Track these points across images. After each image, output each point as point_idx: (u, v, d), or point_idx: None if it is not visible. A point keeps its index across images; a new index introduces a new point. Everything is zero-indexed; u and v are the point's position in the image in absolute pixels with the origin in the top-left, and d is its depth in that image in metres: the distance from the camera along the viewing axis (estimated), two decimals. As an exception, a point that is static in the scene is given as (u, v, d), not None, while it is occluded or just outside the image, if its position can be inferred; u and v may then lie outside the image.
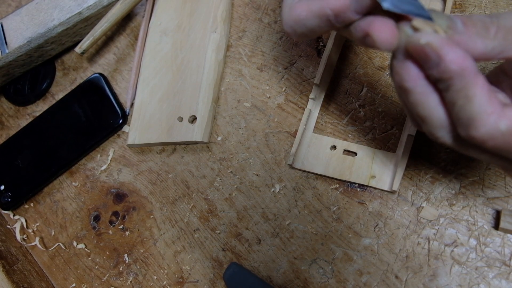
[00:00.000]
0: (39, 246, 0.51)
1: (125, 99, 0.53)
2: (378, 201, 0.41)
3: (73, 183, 0.52)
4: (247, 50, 0.50)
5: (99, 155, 0.52)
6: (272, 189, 0.44)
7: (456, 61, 0.25)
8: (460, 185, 0.39)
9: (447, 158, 0.40)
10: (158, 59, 0.51)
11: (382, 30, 0.26)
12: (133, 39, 0.56)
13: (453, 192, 0.39)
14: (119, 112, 0.52)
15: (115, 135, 0.52)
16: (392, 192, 0.40)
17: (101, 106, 0.53)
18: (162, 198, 0.48)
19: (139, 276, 0.47)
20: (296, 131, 0.45)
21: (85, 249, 0.49)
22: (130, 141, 0.49)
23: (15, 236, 0.52)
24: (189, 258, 0.46)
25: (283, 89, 0.47)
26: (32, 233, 0.52)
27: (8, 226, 0.53)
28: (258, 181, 0.45)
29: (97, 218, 0.50)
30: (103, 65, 0.56)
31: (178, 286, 0.45)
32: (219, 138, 0.48)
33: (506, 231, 0.37)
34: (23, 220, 0.52)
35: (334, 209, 0.42)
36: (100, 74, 0.54)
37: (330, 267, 0.41)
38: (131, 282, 0.47)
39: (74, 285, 0.49)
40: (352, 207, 0.41)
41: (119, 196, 0.50)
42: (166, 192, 0.48)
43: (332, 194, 0.42)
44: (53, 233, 0.51)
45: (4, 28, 0.54)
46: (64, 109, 0.54)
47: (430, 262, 0.38)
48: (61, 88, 0.56)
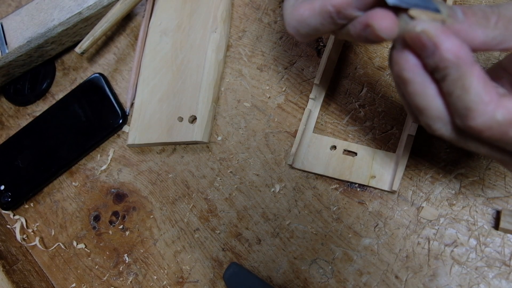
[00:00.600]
0: (39, 246, 0.51)
1: (125, 99, 0.53)
2: (378, 201, 0.41)
3: (73, 183, 0.52)
4: (247, 50, 0.50)
5: (99, 155, 0.52)
6: (272, 189, 0.44)
7: (451, 50, 0.24)
8: (460, 185, 0.39)
9: (447, 158, 0.40)
10: (158, 59, 0.51)
11: (382, 19, 0.26)
12: (133, 39, 0.56)
13: (453, 192, 0.39)
14: (119, 112, 0.52)
15: (115, 135, 0.52)
16: (392, 192, 0.40)
17: (101, 106, 0.53)
18: (162, 198, 0.48)
19: (139, 276, 0.47)
20: (296, 131, 0.45)
21: (85, 249, 0.49)
22: (130, 141, 0.49)
23: (15, 236, 0.52)
24: (189, 258, 0.46)
25: (283, 89, 0.47)
26: (32, 233, 0.52)
27: (8, 226, 0.53)
28: (258, 181, 0.45)
29: (97, 218, 0.50)
30: (103, 65, 0.56)
31: (178, 286, 0.45)
32: (219, 138, 0.48)
33: (506, 231, 0.37)
34: (23, 220, 0.52)
35: (334, 209, 0.42)
36: (100, 74, 0.54)
37: (330, 267, 0.41)
38: (131, 282, 0.47)
39: (74, 285, 0.49)
40: (352, 207, 0.41)
41: (119, 196, 0.50)
42: (166, 192, 0.48)
43: (332, 194, 0.42)
44: (53, 233, 0.51)
45: (4, 28, 0.54)
46: (64, 109, 0.54)
47: (430, 262, 0.38)
48: (61, 88, 0.56)
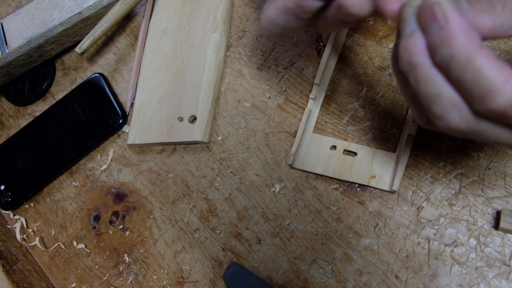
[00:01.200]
0: (39, 246, 0.51)
1: (125, 99, 0.53)
2: (378, 201, 0.41)
3: (73, 183, 0.52)
4: (247, 50, 0.50)
5: (99, 155, 0.52)
6: (272, 189, 0.44)
7: (460, 27, 0.24)
8: (460, 185, 0.39)
9: (447, 158, 0.40)
10: (158, 59, 0.51)
11: None
12: (133, 39, 0.56)
13: (453, 192, 0.39)
14: (119, 112, 0.52)
15: (115, 135, 0.52)
16: (392, 192, 0.40)
17: (101, 106, 0.53)
18: (162, 198, 0.48)
19: (139, 276, 0.47)
20: (296, 131, 0.45)
21: (85, 249, 0.49)
22: (130, 141, 0.49)
23: (15, 236, 0.52)
24: (189, 258, 0.46)
25: (283, 89, 0.47)
26: (32, 233, 0.52)
27: (8, 226, 0.53)
28: (258, 181, 0.45)
29: (97, 218, 0.50)
30: (103, 65, 0.56)
31: (178, 286, 0.45)
32: (219, 138, 0.48)
33: (506, 231, 0.37)
34: (23, 220, 0.52)
35: (334, 209, 0.42)
36: (100, 74, 0.54)
37: (330, 267, 0.41)
38: (131, 282, 0.47)
39: (74, 285, 0.49)
40: (352, 207, 0.41)
41: (119, 196, 0.50)
42: (166, 192, 0.48)
43: (332, 194, 0.42)
44: (53, 233, 0.51)
45: (4, 28, 0.54)
46: (64, 109, 0.54)
47: (430, 262, 0.38)
48: (61, 88, 0.56)
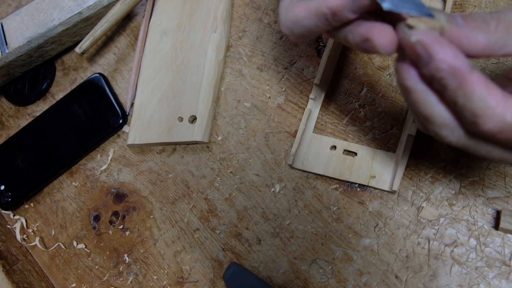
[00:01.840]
0: (39, 246, 0.51)
1: (125, 99, 0.53)
2: (378, 201, 0.41)
3: (73, 183, 0.52)
4: (247, 50, 0.50)
5: (99, 155, 0.52)
6: (272, 189, 0.44)
7: (446, 60, 0.24)
8: (460, 185, 0.39)
9: (447, 158, 0.40)
10: (158, 59, 0.51)
11: (382, 35, 0.26)
12: (133, 39, 0.56)
13: (453, 192, 0.39)
14: (119, 112, 0.52)
15: (115, 135, 0.52)
16: (392, 192, 0.40)
17: (101, 106, 0.53)
18: (162, 198, 0.48)
19: (139, 276, 0.47)
20: (296, 131, 0.45)
21: (85, 249, 0.49)
22: (130, 141, 0.49)
23: (15, 236, 0.52)
24: (189, 258, 0.46)
25: (283, 89, 0.47)
26: (32, 233, 0.52)
27: (8, 226, 0.53)
28: (258, 181, 0.45)
29: (97, 218, 0.50)
30: (103, 65, 0.56)
31: (178, 286, 0.45)
32: (219, 138, 0.48)
33: (506, 231, 0.37)
34: (23, 220, 0.52)
35: (334, 209, 0.42)
36: (100, 74, 0.54)
37: (330, 267, 0.41)
38: (131, 282, 0.47)
39: (74, 285, 0.49)
40: (352, 207, 0.41)
41: (119, 196, 0.50)
42: (166, 192, 0.48)
43: (332, 194, 0.42)
44: (53, 233, 0.51)
45: (4, 28, 0.54)
46: (64, 109, 0.54)
47: (430, 262, 0.38)
48: (61, 88, 0.56)
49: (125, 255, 0.48)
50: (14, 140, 0.55)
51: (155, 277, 0.46)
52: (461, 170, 0.39)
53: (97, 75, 0.54)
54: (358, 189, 0.42)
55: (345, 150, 0.42)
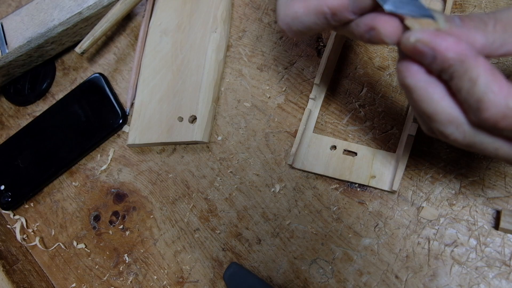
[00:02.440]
0: (39, 246, 0.51)
1: (125, 99, 0.53)
2: (378, 201, 0.41)
3: (73, 183, 0.52)
4: (247, 50, 0.50)
5: (99, 155, 0.52)
6: (272, 189, 0.44)
7: (451, 48, 0.25)
8: (460, 185, 0.39)
9: (447, 158, 0.40)
10: (158, 59, 0.51)
11: (388, 23, 0.26)
12: (133, 39, 0.56)
13: (453, 192, 0.39)
14: (119, 112, 0.52)
15: (115, 135, 0.52)
16: (392, 192, 0.40)
17: (101, 106, 0.53)
18: (162, 198, 0.48)
19: (139, 276, 0.47)
20: (296, 131, 0.45)
21: (85, 249, 0.49)
22: (130, 141, 0.49)
23: (15, 236, 0.52)
24: (189, 258, 0.46)
25: (283, 89, 0.47)
26: (32, 233, 0.52)
27: (8, 226, 0.53)
28: (258, 181, 0.45)
29: (97, 218, 0.50)
30: (103, 65, 0.56)
31: (178, 286, 0.45)
32: (219, 138, 0.48)
33: (506, 231, 0.37)
34: (23, 220, 0.52)
35: (334, 209, 0.42)
36: (100, 74, 0.54)
37: (330, 267, 0.41)
38: (131, 282, 0.47)
39: (74, 285, 0.49)
40: (352, 207, 0.41)
41: (119, 196, 0.50)
42: (166, 192, 0.48)
43: (332, 194, 0.42)
44: (53, 233, 0.51)
45: (4, 28, 0.54)
46: (64, 109, 0.54)
47: (430, 262, 0.38)
48: (61, 88, 0.56)
49: (125, 255, 0.48)
50: (14, 140, 0.55)
51: (155, 277, 0.46)
52: (461, 170, 0.39)
53: (97, 75, 0.54)
54: (358, 189, 0.42)
55: (345, 150, 0.42)
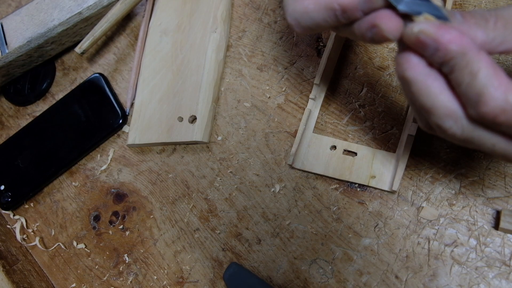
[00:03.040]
0: (39, 246, 0.51)
1: (125, 99, 0.53)
2: (378, 201, 0.41)
3: (73, 183, 0.52)
4: (247, 50, 0.50)
5: (99, 155, 0.52)
6: (272, 189, 0.44)
7: (453, 41, 0.25)
8: (460, 185, 0.39)
9: (447, 158, 0.40)
10: (158, 59, 0.51)
11: (389, 19, 0.27)
12: (133, 39, 0.56)
13: (453, 192, 0.39)
14: (119, 112, 0.52)
15: (115, 135, 0.52)
16: (392, 192, 0.40)
17: (101, 106, 0.53)
18: (162, 198, 0.48)
19: (139, 276, 0.47)
20: (296, 131, 0.45)
21: (85, 249, 0.49)
22: (130, 141, 0.49)
23: (15, 236, 0.52)
24: (189, 258, 0.46)
25: (283, 89, 0.47)
26: (32, 233, 0.52)
27: (8, 226, 0.53)
28: (258, 181, 0.45)
29: (97, 218, 0.50)
30: (103, 65, 0.56)
31: (178, 286, 0.45)
32: (219, 138, 0.48)
33: (506, 231, 0.37)
34: (23, 220, 0.52)
35: (334, 209, 0.42)
36: (100, 74, 0.54)
37: (330, 267, 0.41)
38: (131, 282, 0.47)
39: (74, 285, 0.49)
40: (352, 207, 0.41)
41: (119, 196, 0.50)
42: (166, 192, 0.48)
43: (332, 194, 0.42)
44: (53, 233, 0.51)
45: (4, 28, 0.54)
46: (64, 109, 0.54)
47: (430, 262, 0.38)
48: (61, 88, 0.56)
49: (125, 255, 0.48)
50: (14, 140, 0.55)
51: (155, 277, 0.46)
52: (461, 170, 0.39)
53: (97, 75, 0.54)
54: (358, 189, 0.42)
55: (345, 150, 0.42)
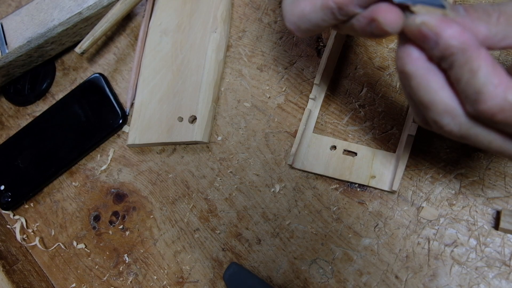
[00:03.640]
0: (39, 246, 0.51)
1: (125, 99, 0.53)
2: (378, 201, 0.41)
3: (73, 183, 0.52)
4: (247, 50, 0.50)
5: (99, 155, 0.52)
6: (272, 189, 0.44)
7: (454, 36, 0.25)
8: (460, 185, 0.39)
9: (447, 158, 0.40)
10: (158, 59, 0.51)
11: (388, 12, 0.26)
12: (133, 39, 0.56)
13: (453, 192, 0.39)
14: (119, 112, 0.52)
15: (115, 135, 0.52)
16: (392, 192, 0.40)
17: (101, 106, 0.53)
18: (162, 198, 0.48)
19: (139, 276, 0.47)
20: (296, 131, 0.45)
21: (85, 249, 0.49)
22: (130, 141, 0.49)
23: (15, 236, 0.52)
24: (189, 258, 0.46)
25: (283, 89, 0.47)
26: (32, 233, 0.52)
27: (8, 226, 0.53)
28: (258, 181, 0.45)
29: (97, 218, 0.50)
30: (103, 65, 0.56)
31: (178, 286, 0.45)
32: (219, 138, 0.48)
33: (506, 231, 0.37)
34: (23, 220, 0.52)
35: (334, 209, 0.42)
36: (100, 74, 0.54)
37: (330, 267, 0.41)
38: (131, 282, 0.47)
39: (74, 285, 0.49)
40: (352, 207, 0.41)
41: (119, 196, 0.50)
42: (166, 192, 0.48)
43: (332, 194, 0.42)
44: (53, 233, 0.51)
45: (4, 28, 0.54)
46: (64, 109, 0.54)
47: (430, 262, 0.38)
48: (61, 88, 0.56)
49: (125, 255, 0.48)
50: (14, 140, 0.55)
51: (155, 277, 0.46)
52: (461, 170, 0.39)
53: (97, 75, 0.54)
54: (358, 189, 0.42)
55: (345, 150, 0.42)
